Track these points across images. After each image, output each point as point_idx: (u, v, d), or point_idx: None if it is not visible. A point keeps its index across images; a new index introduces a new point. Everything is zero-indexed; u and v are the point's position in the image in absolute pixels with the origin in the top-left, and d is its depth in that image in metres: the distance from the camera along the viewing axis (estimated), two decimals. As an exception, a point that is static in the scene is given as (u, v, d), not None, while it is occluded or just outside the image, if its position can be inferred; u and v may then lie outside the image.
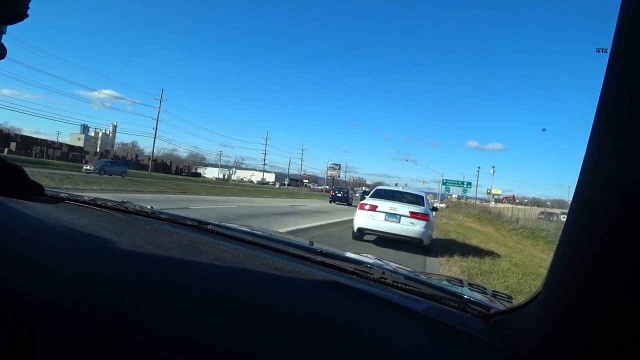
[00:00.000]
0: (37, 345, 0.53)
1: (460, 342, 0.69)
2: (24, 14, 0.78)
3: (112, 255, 0.78)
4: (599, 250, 0.44)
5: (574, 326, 0.46)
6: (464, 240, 15.16)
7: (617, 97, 0.45)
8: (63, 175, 22.12)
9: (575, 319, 0.46)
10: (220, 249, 0.98)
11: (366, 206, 10.44)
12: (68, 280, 0.63)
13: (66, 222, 0.91)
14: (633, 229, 0.40)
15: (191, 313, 0.63)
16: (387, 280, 0.93)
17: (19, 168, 1.05)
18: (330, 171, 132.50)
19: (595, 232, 0.44)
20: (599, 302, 0.43)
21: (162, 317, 0.61)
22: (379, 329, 0.68)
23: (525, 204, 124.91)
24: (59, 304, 0.57)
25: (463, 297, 0.88)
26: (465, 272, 7.81)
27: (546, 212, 70.49)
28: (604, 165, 0.45)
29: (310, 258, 1.02)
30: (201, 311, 0.64)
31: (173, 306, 0.63)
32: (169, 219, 1.29)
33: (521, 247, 22.16)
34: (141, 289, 0.67)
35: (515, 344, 0.63)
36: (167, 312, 0.62)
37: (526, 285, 7.36)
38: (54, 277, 0.62)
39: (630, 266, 0.40)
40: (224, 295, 0.70)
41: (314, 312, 0.70)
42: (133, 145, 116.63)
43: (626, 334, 0.40)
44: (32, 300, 0.56)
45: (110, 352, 0.56)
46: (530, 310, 0.61)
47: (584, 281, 0.45)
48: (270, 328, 0.63)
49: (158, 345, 0.58)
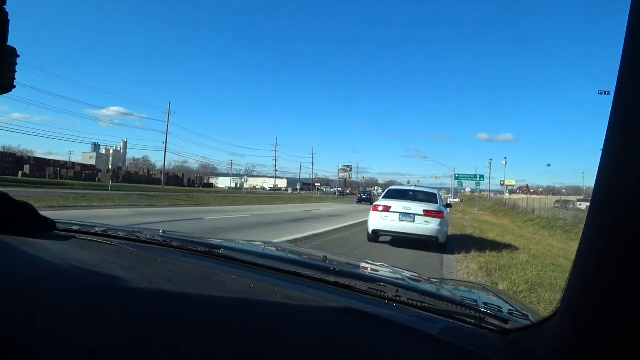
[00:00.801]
0: None
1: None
2: (11, 86, 0.80)
3: (122, 294, 0.77)
4: (621, 262, 0.42)
5: (597, 343, 0.45)
6: (480, 235, 15.01)
7: (635, 92, 0.44)
8: (77, 194, 22.36)
9: (598, 335, 0.45)
10: (231, 279, 0.97)
11: (380, 207, 10.38)
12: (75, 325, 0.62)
13: (76, 261, 0.91)
14: None
15: (201, 351, 0.62)
16: (401, 299, 0.92)
17: (28, 205, 1.06)
18: (342, 173, 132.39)
19: (617, 242, 0.43)
20: (624, 317, 0.42)
21: (170, 356, 0.60)
22: (393, 357, 0.67)
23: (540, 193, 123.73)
24: (64, 350, 0.56)
25: (480, 311, 0.86)
26: (484, 268, 7.71)
27: (562, 200, 69.70)
28: (623, 168, 0.44)
29: (323, 279, 1.01)
30: (212, 348, 0.63)
31: (183, 346, 0.62)
32: (180, 247, 1.29)
33: (539, 238, 21.89)
34: (150, 330, 0.66)
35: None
36: (176, 351, 0.61)
37: (546, 277, 7.24)
38: (57, 321, 0.62)
39: None
40: (235, 330, 0.69)
41: (324, 343, 0.70)
42: (144, 160, 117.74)
43: None
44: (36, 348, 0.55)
45: None
46: (551, 326, 0.59)
47: (607, 295, 0.44)
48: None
49: None
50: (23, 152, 75.72)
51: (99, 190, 31.03)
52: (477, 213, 42.75)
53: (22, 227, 1.01)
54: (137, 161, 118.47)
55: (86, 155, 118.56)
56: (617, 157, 0.45)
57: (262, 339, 0.67)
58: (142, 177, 71.50)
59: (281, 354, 0.64)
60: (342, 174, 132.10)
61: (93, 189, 31.82)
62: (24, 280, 0.71)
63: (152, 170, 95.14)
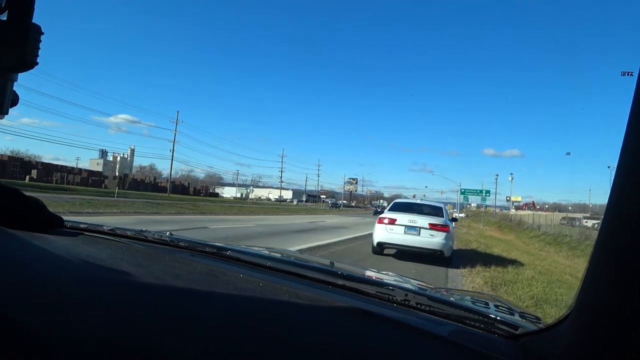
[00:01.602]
0: None
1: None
2: (34, 63, 0.81)
3: (130, 289, 0.77)
4: (635, 263, 0.42)
5: (611, 345, 0.45)
6: (485, 250, 14.93)
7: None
8: (84, 199, 22.45)
9: (609, 341, 0.45)
10: (239, 278, 0.96)
11: (385, 220, 10.35)
12: (82, 318, 0.62)
13: (84, 257, 0.91)
14: None
15: (209, 347, 0.62)
16: (410, 303, 0.91)
17: (39, 202, 1.07)
18: (347, 185, 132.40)
19: (632, 246, 0.43)
20: (635, 324, 0.41)
21: (179, 353, 0.59)
22: (403, 357, 0.67)
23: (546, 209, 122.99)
24: (72, 342, 0.56)
25: (489, 316, 0.86)
26: (489, 282, 7.66)
27: (568, 217, 69.31)
28: (637, 173, 0.44)
29: (331, 282, 1.01)
30: (220, 344, 0.63)
31: (191, 341, 0.62)
32: (187, 247, 1.28)
33: (544, 254, 21.75)
34: (158, 325, 0.65)
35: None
36: (184, 348, 0.60)
37: (552, 293, 7.19)
38: (68, 315, 0.62)
39: None
40: (243, 328, 0.69)
41: (336, 342, 0.69)
42: (151, 168, 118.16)
43: None
44: (45, 340, 0.56)
45: None
46: (561, 330, 0.59)
47: (620, 299, 0.44)
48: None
49: None
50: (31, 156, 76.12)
51: (105, 196, 31.12)
52: (483, 228, 42.55)
53: (32, 222, 1.02)
54: (144, 169, 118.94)
55: (93, 162, 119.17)
56: (635, 159, 0.45)
57: (271, 337, 0.67)
58: (148, 185, 71.50)
59: (292, 351, 0.64)
60: (347, 187, 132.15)
61: (99, 195, 31.94)
62: (34, 272, 0.72)
63: (159, 179, 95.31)
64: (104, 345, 0.58)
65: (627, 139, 0.47)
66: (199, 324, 0.68)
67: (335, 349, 0.67)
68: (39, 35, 0.82)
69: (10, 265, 0.73)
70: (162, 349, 0.60)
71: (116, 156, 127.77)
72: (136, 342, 0.60)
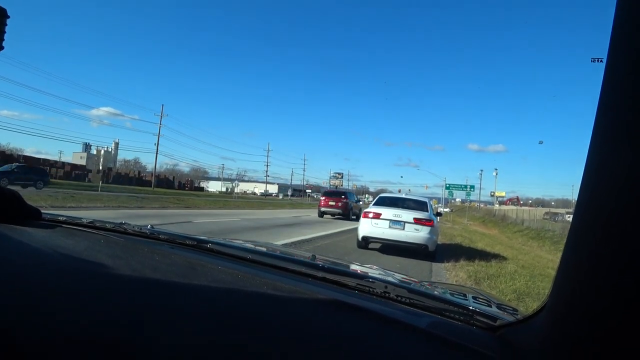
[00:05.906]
0: None
1: (465, 359, 0.67)
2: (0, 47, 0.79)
3: (107, 281, 0.76)
4: (606, 256, 0.43)
5: (584, 336, 0.45)
6: (469, 244, 15.07)
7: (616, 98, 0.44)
8: (66, 193, 22.17)
9: (585, 329, 0.45)
10: (218, 270, 0.96)
11: (370, 214, 10.39)
12: (58, 311, 0.61)
13: (61, 248, 0.90)
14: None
15: (187, 339, 0.61)
16: (390, 295, 0.92)
17: (16, 194, 1.05)
18: (333, 180, 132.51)
19: (602, 237, 0.44)
20: (610, 310, 0.42)
21: (157, 345, 0.59)
22: (381, 348, 0.67)
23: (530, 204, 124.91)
24: (48, 336, 0.56)
25: (468, 308, 0.86)
26: (472, 276, 7.74)
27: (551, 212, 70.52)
28: (605, 168, 0.45)
29: (311, 274, 1.01)
30: (198, 337, 0.62)
31: (169, 333, 0.61)
32: (167, 239, 1.27)
33: (527, 249, 22.07)
34: (136, 317, 0.65)
35: (522, 357, 0.62)
36: (162, 340, 0.60)
37: (534, 287, 7.29)
38: (43, 308, 0.61)
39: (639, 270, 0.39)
40: (221, 320, 0.69)
41: (314, 334, 0.69)
42: (135, 161, 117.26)
43: (639, 341, 0.39)
44: (21, 331, 0.55)
45: None
46: (538, 321, 0.60)
47: (593, 289, 0.45)
48: (269, 352, 0.61)
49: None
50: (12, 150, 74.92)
51: (88, 190, 30.74)
52: (467, 223, 43.04)
53: (8, 214, 1.00)
54: (128, 162, 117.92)
55: (77, 155, 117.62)
56: (602, 155, 0.46)
57: (249, 328, 0.67)
58: (133, 179, 71.10)
59: (269, 342, 0.63)
60: (333, 181, 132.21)
61: (82, 189, 31.55)
62: (10, 264, 0.71)
63: (143, 172, 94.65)
64: (81, 336, 0.57)
65: (594, 136, 0.48)
66: (177, 315, 0.67)
67: (314, 340, 0.67)
68: (4, 19, 0.79)
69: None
70: (139, 339, 0.59)
71: (100, 150, 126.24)
72: (113, 333, 0.59)
